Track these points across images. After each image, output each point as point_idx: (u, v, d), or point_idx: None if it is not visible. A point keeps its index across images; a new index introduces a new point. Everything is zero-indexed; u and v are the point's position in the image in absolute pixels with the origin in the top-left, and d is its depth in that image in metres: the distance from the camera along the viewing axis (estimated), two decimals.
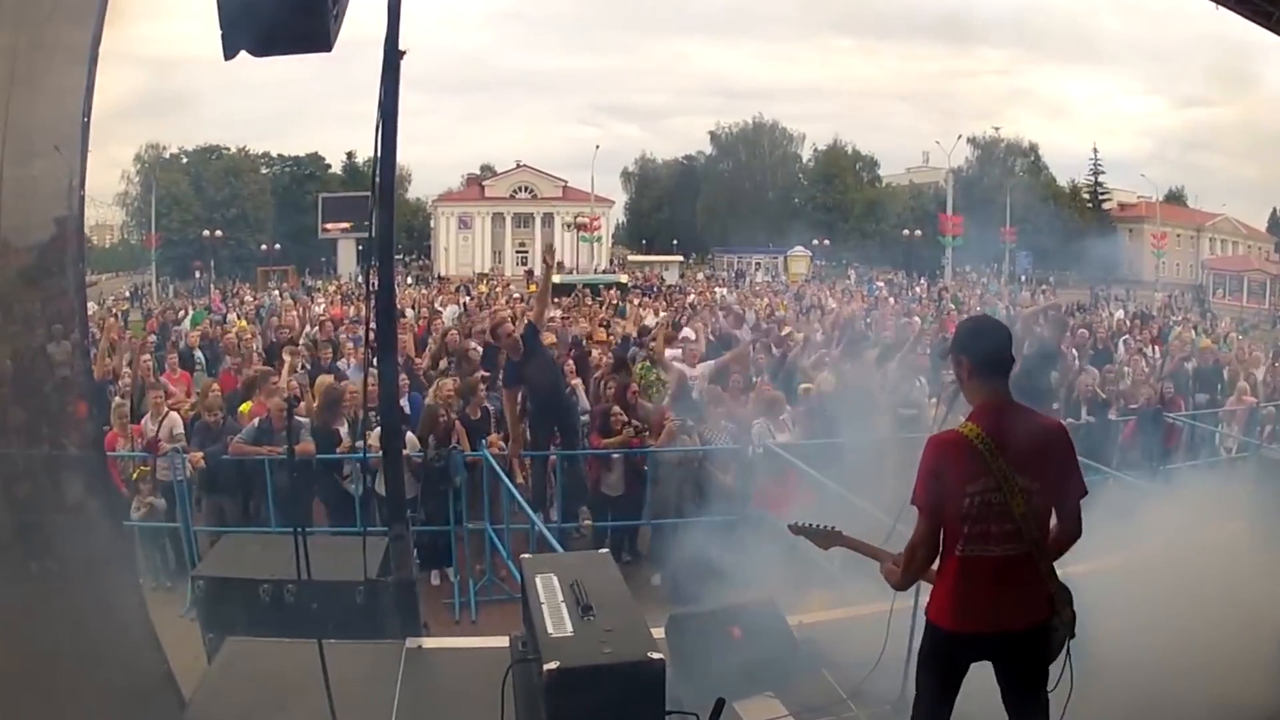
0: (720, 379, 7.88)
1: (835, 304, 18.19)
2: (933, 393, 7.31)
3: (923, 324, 12.48)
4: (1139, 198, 38.95)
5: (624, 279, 29.94)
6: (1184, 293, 34.38)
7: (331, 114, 45.01)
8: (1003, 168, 39.50)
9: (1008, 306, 18.20)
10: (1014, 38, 41.65)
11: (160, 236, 34.87)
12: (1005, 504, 2.61)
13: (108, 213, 36.21)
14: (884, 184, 42.86)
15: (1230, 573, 3.99)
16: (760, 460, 6.55)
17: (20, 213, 3.16)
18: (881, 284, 31.90)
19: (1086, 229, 35.90)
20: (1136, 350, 12.13)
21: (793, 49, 48.54)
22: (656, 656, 2.66)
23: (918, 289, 30.56)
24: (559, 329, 10.27)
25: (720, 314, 13.39)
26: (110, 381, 7.82)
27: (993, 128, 39.61)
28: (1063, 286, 31.96)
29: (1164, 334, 15.31)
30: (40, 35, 3.15)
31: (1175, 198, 38.61)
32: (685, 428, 6.94)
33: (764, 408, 7.24)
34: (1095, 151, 39.89)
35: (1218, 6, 6.55)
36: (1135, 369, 10.01)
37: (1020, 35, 42.60)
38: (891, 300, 22.70)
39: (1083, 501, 2.73)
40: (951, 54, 47.80)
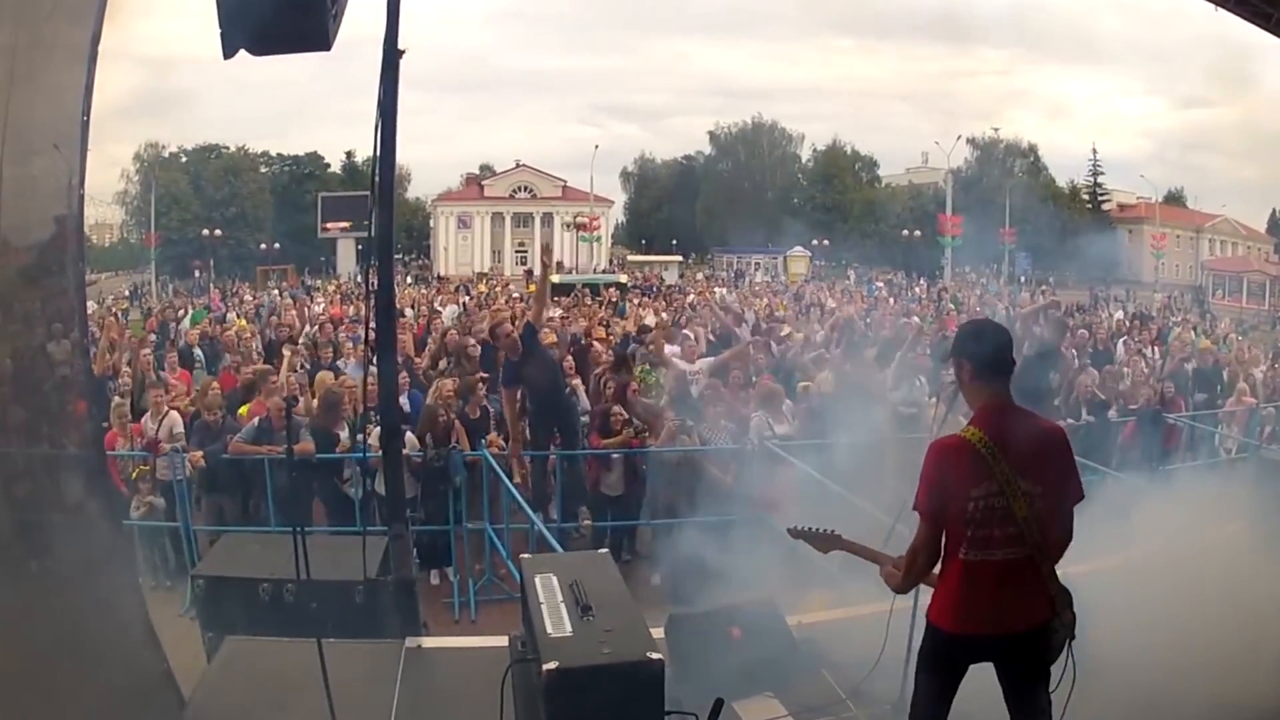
0: (720, 375, 7.87)
1: (834, 303, 18.18)
2: (932, 392, 7.31)
3: (922, 324, 12.46)
4: (1138, 199, 38.87)
5: (623, 279, 29.80)
6: (1183, 294, 34.39)
7: (331, 113, 45.07)
8: (1002, 168, 39.40)
9: (1007, 307, 18.16)
10: (1014, 38, 41.56)
11: (160, 235, 34.78)
12: (1008, 508, 2.61)
13: (107, 211, 36.20)
14: (883, 184, 42.74)
15: (1230, 573, 4.00)
16: (759, 457, 6.55)
17: (20, 211, 3.16)
18: (881, 284, 31.86)
19: (1086, 230, 35.86)
20: (1136, 351, 12.12)
21: (793, 49, 48.50)
22: (656, 656, 2.66)
23: (917, 289, 30.48)
24: (559, 328, 10.26)
25: (721, 313, 13.37)
26: (110, 377, 7.82)
27: (992, 128, 39.55)
28: (1062, 287, 31.86)
29: (1163, 335, 15.32)
30: (40, 33, 3.14)
31: (1175, 199, 38.53)
32: (685, 428, 6.94)
33: (763, 400, 7.25)
34: (1095, 152, 39.81)
35: (1217, 8, 6.57)
36: (1135, 370, 10.02)
37: (1020, 35, 42.41)
38: (891, 300, 22.68)
39: (1083, 502, 2.74)
40: (951, 54, 47.72)
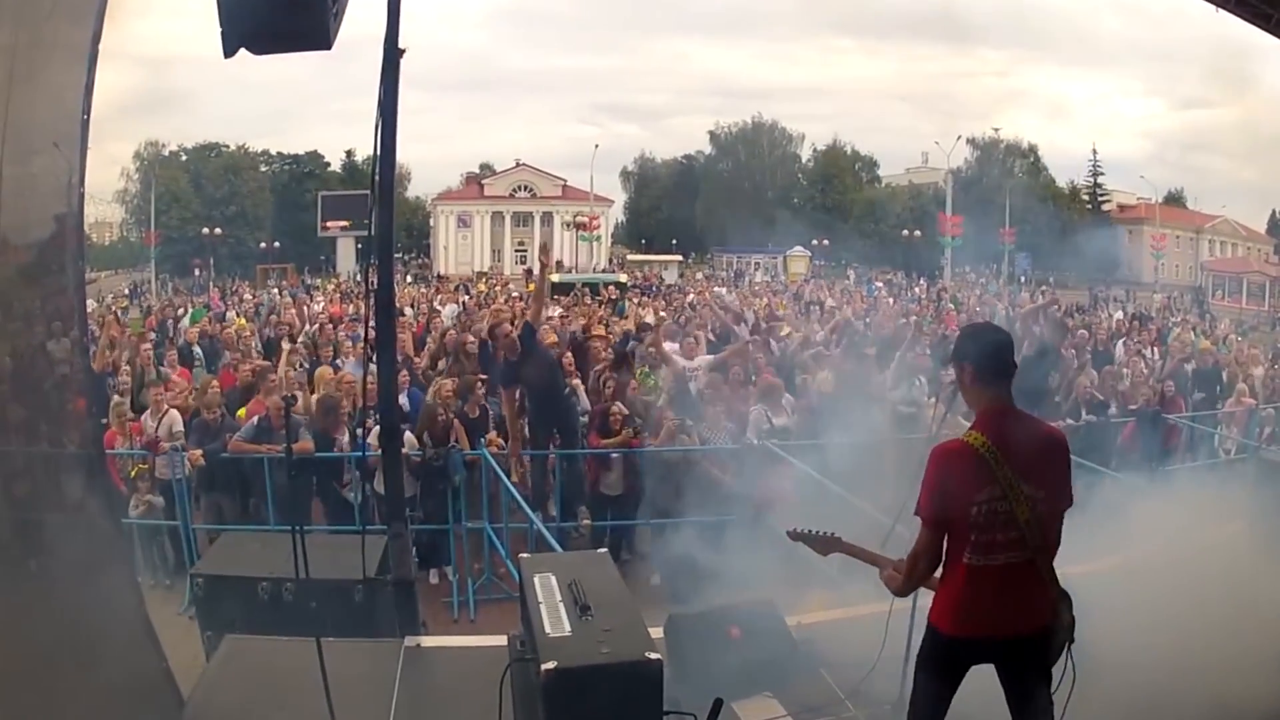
0: (720, 372, 7.87)
1: (834, 303, 18.17)
2: (931, 392, 7.32)
3: (921, 324, 12.46)
4: (1138, 199, 38.88)
5: (623, 278, 29.79)
6: (1183, 294, 34.40)
7: (331, 112, 45.16)
8: (1002, 168, 39.41)
9: (1007, 307, 18.18)
10: (1013, 38, 41.71)
11: (159, 234, 34.79)
12: (1011, 512, 2.61)
13: (107, 210, 36.20)
14: (883, 184, 42.79)
15: (1230, 573, 4.00)
16: (759, 457, 6.54)
17: (20, 210, 3.15)
18: (880, 284, 31.86)
19: (1086, 230, 35.86)
20: (1135, 351, 12.11)
21: (793, 49, 48.53)
22: (654, 656, 2.66)
23: (917, 289, 30.51)
24: (559, 328, 10.26)
25: (720, 311, 13.36)
26: (110, 374, 7.81)
27: (992, 128, 39.54)
28: (1062, 288, 31.86)
29: (1163, 335, 15.32)
30: (40, 33, 3.14)
31: (1175, 199, 38.54)
32: (685, 427, 6.94)
33: (763, 394, 7.26)
34: (1095, 152, 39.84)
35: (1217, 9, 6.57)
36: (1134, 370, 10.01)
37: (1020, 36, 42.57)
38: (890, 300, 22.66)
39: (1084, 502, 2.74)
40: (951, 54, 47.55)
